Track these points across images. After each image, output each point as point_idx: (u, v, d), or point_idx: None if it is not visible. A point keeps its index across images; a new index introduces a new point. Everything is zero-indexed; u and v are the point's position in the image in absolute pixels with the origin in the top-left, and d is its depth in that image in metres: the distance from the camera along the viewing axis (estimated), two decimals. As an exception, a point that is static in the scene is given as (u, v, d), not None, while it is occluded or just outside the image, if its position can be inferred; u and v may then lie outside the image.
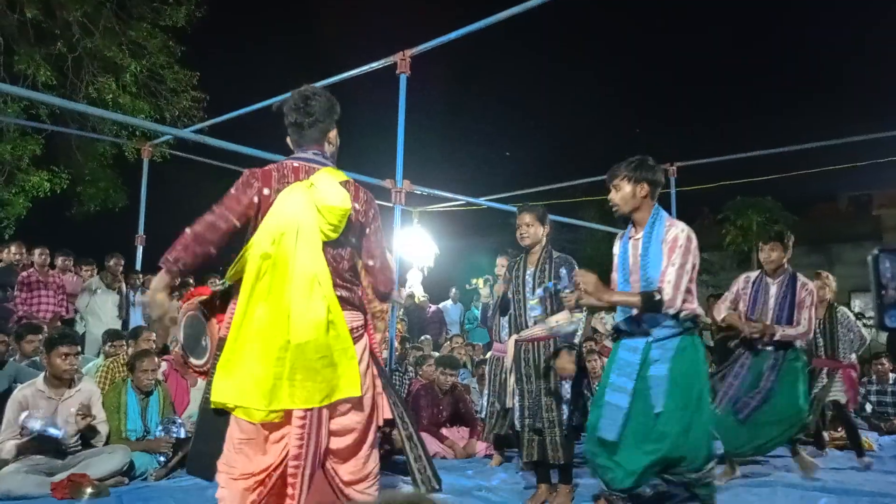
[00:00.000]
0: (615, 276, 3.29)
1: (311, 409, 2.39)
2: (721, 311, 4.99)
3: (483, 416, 5.83)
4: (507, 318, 4.40)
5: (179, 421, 4.94)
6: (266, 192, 2.51)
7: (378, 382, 2.67)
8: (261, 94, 7.50)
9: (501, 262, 6.10)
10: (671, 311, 2.99)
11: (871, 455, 5.92)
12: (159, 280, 2.56)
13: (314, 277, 2.40)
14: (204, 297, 2.84)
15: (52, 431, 4.21)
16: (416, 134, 6.52)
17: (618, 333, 3.27)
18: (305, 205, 2.44)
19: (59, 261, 7.79)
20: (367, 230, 2.64)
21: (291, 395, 2.36)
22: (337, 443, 2.48)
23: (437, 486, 2.84)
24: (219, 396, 2.42)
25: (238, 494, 2.41)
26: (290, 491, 2.39)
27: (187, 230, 2.51)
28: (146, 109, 11.28)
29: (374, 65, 6.21)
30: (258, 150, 6.31)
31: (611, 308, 3.50)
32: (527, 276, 4.16)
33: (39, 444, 4.24)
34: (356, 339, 2.52)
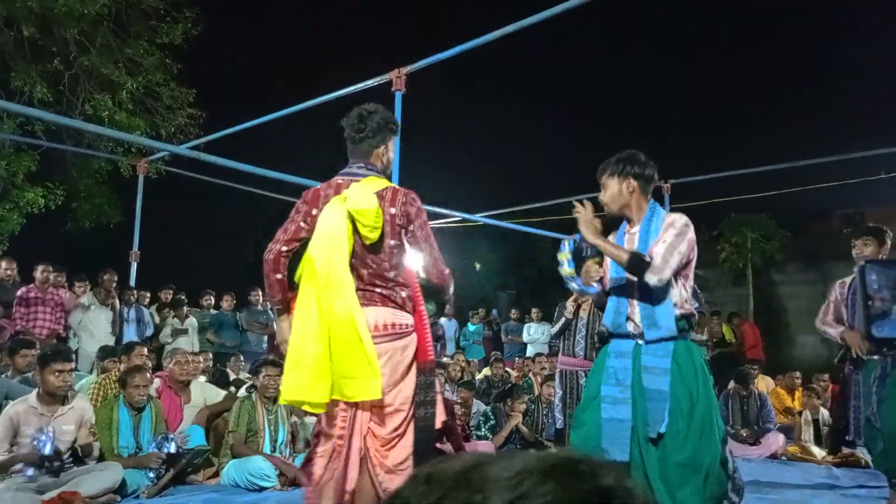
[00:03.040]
0: (607, 271, 3.08)
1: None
2: (830, 326, 4.47)
3: (559, 426, 5.74)
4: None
5: (171, 436, 4.90)
6: (314, 212, 2.85)
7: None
8: (256, 111, 7.53)
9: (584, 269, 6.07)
10: (657, 281, 2.76)
11: None
12: (278, 322, 3.06)
13: (339, 283, 2.67)
14: None
15: (42, 445, 4.16)
16: (412, 151, 6.54)
17: (602, 340, 3.09)
18: (336, 217, 2.73)
19: (52, 277, 7.76)
20: (411, 228, 2.85)
21: (331, 388, 2.67)
22: (378, 430, 2.76)
23: None
24: (284, 395, 2.77)
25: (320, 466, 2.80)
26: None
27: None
28: (142, 126, 11.29)
29: (370, 82, 6.25)
30: (253, 167, 6.32)
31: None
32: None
33: (31, 461, 4.20)
34: (397, 337, 2.78)
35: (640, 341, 2.88)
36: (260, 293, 9.37)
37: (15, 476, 4.14)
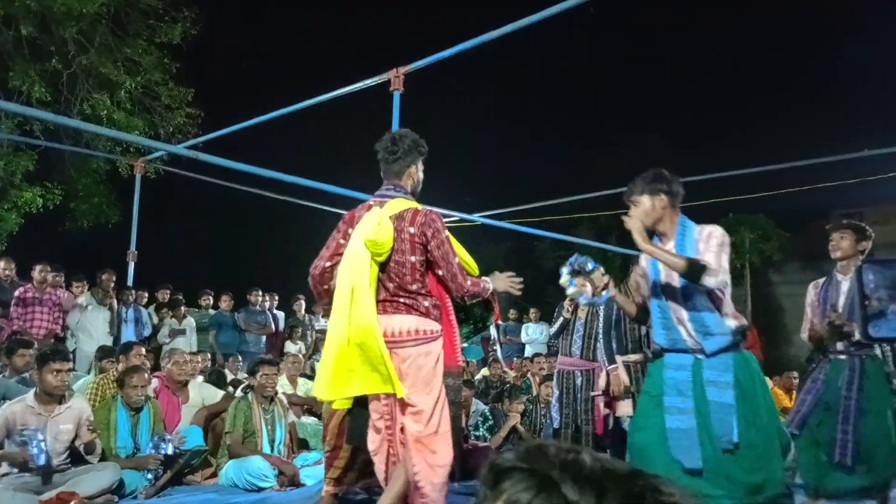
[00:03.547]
0: (644, 293, 3.22)
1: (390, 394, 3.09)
2: (805, 331, 4.37)
3: (556, 426, 5.77)
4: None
5: (168, 437, 4.90)
6: (350, 231, 3.26)
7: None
8: (255, 110, 7.52)
9: (580, 282, 6.08)
10: (715, 283, 2.91)
11: None
12: None
13: (360, 297, 3.05)
14: None
15: (34, 451, 4.11)
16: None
17: (656, 354, 3.20)
18: (358, 236, 3.14)
19: (50, 276, 7.75)
20: (429, 247, 3.15)
21: (351, 385, 3.11)
22: (412, 427, 3.09)
23: None
24: (317, 392, 3.34)
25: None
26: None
27: None
28: (140, 126, 11.27)
29: (368, 82, 6.24)
30: (251, 167, 6.31)
31: None
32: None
33: (16, 463, 4.17)
34: (421, 342, 3.10)
35: (700, 356, 3.02)
36: (259, 293, 9.38)
37: (12, 476, 4.14)
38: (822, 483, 3.88)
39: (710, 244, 3.01)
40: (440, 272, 3.17)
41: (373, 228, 3.10)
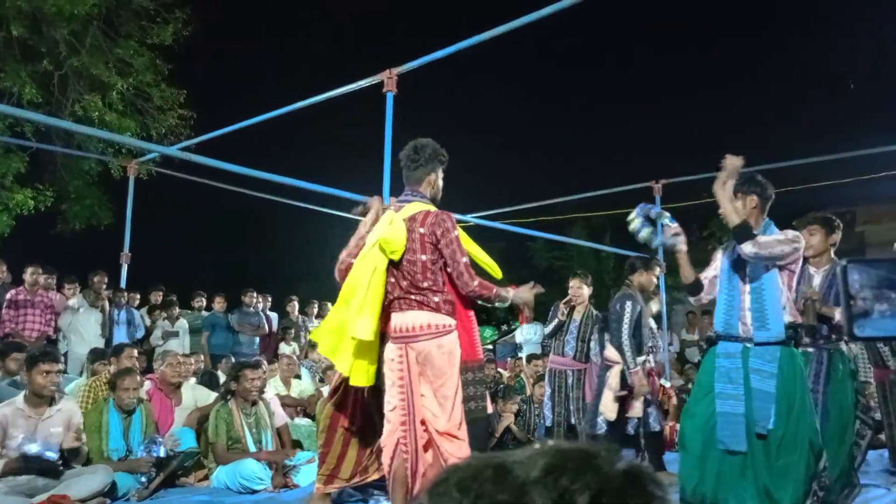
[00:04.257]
0: (718, 282, 3.41)
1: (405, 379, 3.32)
2: None
3: (548, 424, 5.83)
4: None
5: (160, 439, 4.87)
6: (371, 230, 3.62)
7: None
8: (248, 111, 7.48)
9: (575, 284, 6.07)
10: (751, 251, 3.09)
11: None
12: None
13: (353, 290, 3.36)
14: None
15: (35, 449, 4.12)
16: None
17: (710, 342, 3.35)
18: (373, 237, 3.40)
19: (42, 279, 7.71)
20: (439, 246, 3.33)
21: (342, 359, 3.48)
22: (434, 422, 3.26)
23: None
24: (321, 349, 3.89)
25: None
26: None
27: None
28: (132, 127, 11.23)
29: (362, 83, 6.22)
30: (245, 168, 6.28)
31: None
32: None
33: (23, 465, 4.16)
34: (433, 336, 3.26)
35: (749, 344, 3.16)
36: (252, 294, 9.34)
37: (5, 479, 4.11)
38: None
39: (777, 234, 3.23)
40: (448, 270, 3.37)
41: (385, 229, 3.35)
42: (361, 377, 3.46)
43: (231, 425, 5.09)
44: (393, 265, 3.37)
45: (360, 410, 4.04)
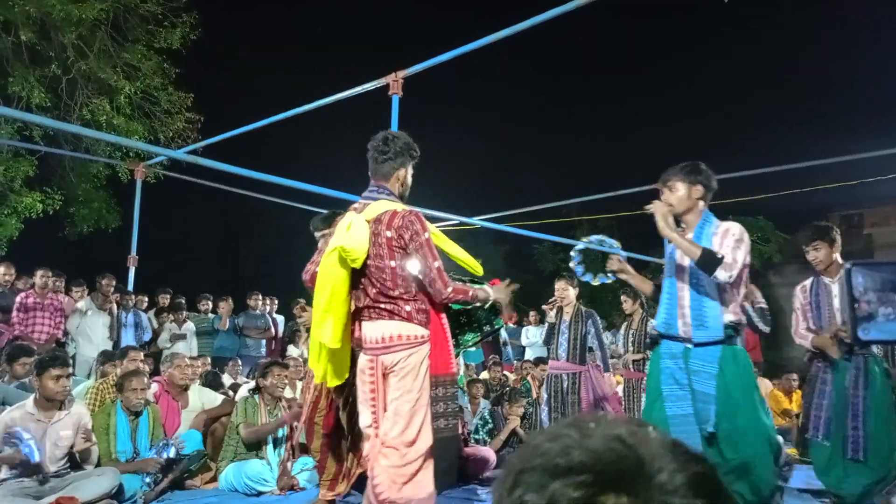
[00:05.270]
0: (662, 277, 3.33)
1: (375, 384, 3.08)
2: (805, 337, 4.35)
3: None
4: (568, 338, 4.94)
5: (169, 441, 4.90)
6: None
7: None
8: (254, 115, 7.51)
9: (561, 286, 6.06)
10: (727, 277, 2.96)
11: None
12: None
13: (320, 295, 3.04)
14: None
15: (26, 450, 4.10)
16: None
17: (654, 341, 3.30)
18: (332, 243, 3.07)
19: (51, 282, 7.75)
20: (408, 251, 3.02)
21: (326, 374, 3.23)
22: (389, 432, 3.00)
23: None
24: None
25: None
26: None
27: None
28: (140, 131, 11.30)
29: (367, 86, 6.24)
30: (252, 171, 6.30)
31: None
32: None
33: (25, 467, 4.17)
34: (403, 347, 2.99)
35: (689, 345, 3.09)
36: (258, 297, 9.37)
37: (11, 482, 4.13)
38: (841, 486, 4.01)
39: (727, 240, 3.07)
40: (420, 276, 3.04)
41: (342, 235, 3.00)
42: (335, 379, 3.25)
43: (255, 417, 5.16)
44: (359, 272, 3.07)
45: (346, 415, 3.95)
